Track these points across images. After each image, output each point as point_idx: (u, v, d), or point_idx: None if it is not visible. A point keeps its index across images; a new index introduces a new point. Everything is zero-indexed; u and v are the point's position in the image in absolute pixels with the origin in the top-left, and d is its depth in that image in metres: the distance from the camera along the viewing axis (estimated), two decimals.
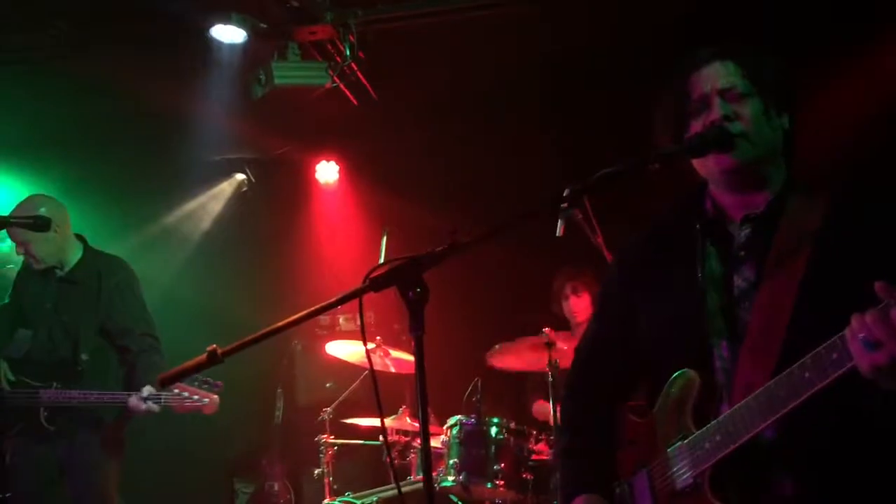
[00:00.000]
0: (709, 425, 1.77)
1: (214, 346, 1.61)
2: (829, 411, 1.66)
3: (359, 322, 1.73)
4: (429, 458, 1.64)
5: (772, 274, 1.78)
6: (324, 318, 6.93)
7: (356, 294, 1.69)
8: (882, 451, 1.69)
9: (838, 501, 1.68)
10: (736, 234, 1.89)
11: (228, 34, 5.00)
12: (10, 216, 3.48)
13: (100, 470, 3.98)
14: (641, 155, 1.87)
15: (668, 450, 1.86)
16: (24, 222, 3.28)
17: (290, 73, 5.05)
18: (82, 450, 3.93)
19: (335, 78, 5.17)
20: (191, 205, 7.10)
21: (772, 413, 1.64)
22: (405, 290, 1.65)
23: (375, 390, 1.76)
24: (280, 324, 1.70)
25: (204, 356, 1.62)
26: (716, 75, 1.86)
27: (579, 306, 4.94)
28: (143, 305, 4.17)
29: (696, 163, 1.91)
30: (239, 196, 7.65)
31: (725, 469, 1.74)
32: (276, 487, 6.93)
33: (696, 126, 1.86)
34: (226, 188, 7.50)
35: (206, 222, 7.19)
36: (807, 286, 1.71)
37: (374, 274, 1.69)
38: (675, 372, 1.88)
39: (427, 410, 1.64)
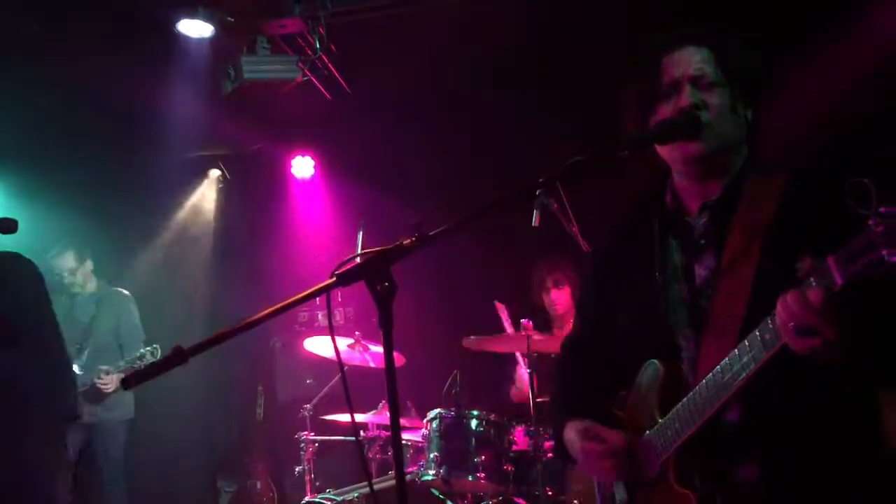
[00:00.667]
0: (669, 414, 1.78)
1: (178, 345, 1.58)
2: (788, 392, 1.66)
3: (336, 318, 1.70)
4: (400, 453, 1.62)
5: (730, 260, 1.78)
6: (302, 315, 6.90)
7: (323, 290, 1.66)
8: (845, 431, 1.69)
9: (804, 484, 1.68)
10: (695, 225, 1.89)
11: (195, 28, 4.94)
12: None
13: None
14: (610, 141, 1.85)
15: (640, 440, 1.86)
16: None
17: (259, 68, 4.99)
18: None
19: (306, 71, 5.12)
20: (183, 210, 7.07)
21: (718, 398, 1.65)
22: (373, 284, 1.62)
23: (345, 388, 1.75)
24: (247, 321, 1.67)
25: (170, 354, 1.58)
26: (689, 60, 1.84)
27: (560, 298, 4.94)
28: None
29: (660, 149, 1.90)
30: (216, 192, 7.61)
31: (690, 456, 1.74)
32: (258, 486, 6.90)
33: (665, 111, 1.84)
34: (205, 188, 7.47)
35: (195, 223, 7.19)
36: (763, 268, 1.71)
37: (342, 269, 1.67)
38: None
39: (397, 405, 1.62)
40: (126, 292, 5.66)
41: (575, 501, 4.04)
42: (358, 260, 1.67)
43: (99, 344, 5.39)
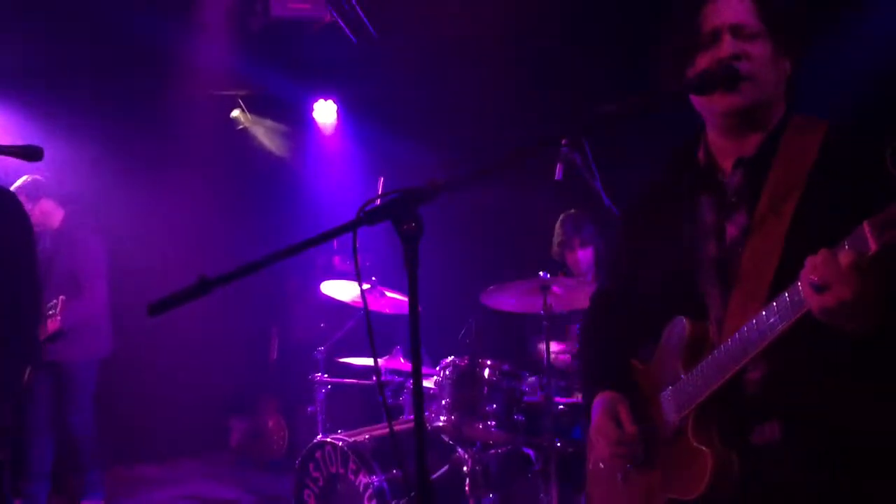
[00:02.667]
0: (692, 370, 1.77)
1: (202, 274, 1.58)
2: (815, 356, 1.65)
3: (353, 263, 1.70)
4: (420, 395, 1.62)
5: (763, 218, 1.75)
6: (320, 258, 6.93)
7: (351, 227, 1.65)
8: (870, 399, 1.67)
9: (827, 443, 1.67)
10: (728, 182, 1.86)
11: None
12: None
13: None
14: (643, 92, 1.81)
15: (661, 395, 1.86)
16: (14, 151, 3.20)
17: (288, 6, 4.95)
18: None
19: (333, 13, 5.05)
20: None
21: (743, 356, 1.64)
22: (399, 223, 1.61)
23: (369, 329, 1.74)
24: (272, 255, 1.67)
25: (194, 284, 1.59)
26: (729, 10, 1.79)
27: (585, 257, 4.91)
28: None
29: (696, 101, 1.86)
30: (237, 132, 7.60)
31: (710, 413, 1.74)
32: (269, 424, 7.01)
33: (703, 61, 1.80)
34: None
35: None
36: (795, 228, 1.68)
37: (369, 207, 1.66)
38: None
39: (419, 344, 1.62)
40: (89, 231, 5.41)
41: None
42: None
43: (55, 283, 5.16)
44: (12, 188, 5.25)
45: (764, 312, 1.60)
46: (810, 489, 1.67)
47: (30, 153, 3.15)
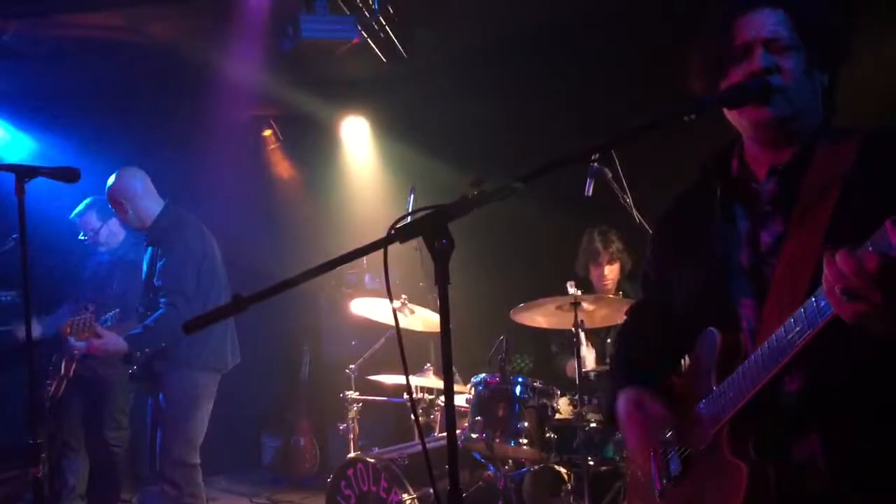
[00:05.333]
0: (724, 382, 1.75)
1: (237, 293, 1.60)
2: (853, 363, 1.61)
3: (383, 280, 1.70)
4: (452, 410, 1.62)
5: (797, 225, 1.72)
6: (350, 277, 6.96)
7: (381, 244, 1.66)
8: None
9: (869, 456, 1.63)
10: (762, 190, 1.84)
11: None
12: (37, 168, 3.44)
13: None
14: (674, 106, 1.80)
15: (696, 408, 1.84)
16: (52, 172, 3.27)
17: (318, 27, 5.00)
18: None
19: (363, 33, 5.11)
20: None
21: (773, 366, 1.60)
22: (430, 240, 1.61)
23: (400, 346, 1.73)
24: (304, 272, 1.68)
25: (229, 303, 1.61)
26: (762, 23, 1.77)
27: (612, 273, 4.91)
28: None
29: (729, 114, 1.85)
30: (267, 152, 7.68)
31: (747, 426, 1.71)
32: (301, 442, 7.03)
33: (736, 75, 1.78)
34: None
35: None
36: (831, 234, 1.64)
37: (400, 224, 1.66)
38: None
39: (451, 362, 1.62)
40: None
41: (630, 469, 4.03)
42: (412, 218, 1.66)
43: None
44: (79, 209, 5.40)
45: (792, 319, 1.57)
46: None
47: (67, 175, 3.21)
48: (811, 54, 1.77)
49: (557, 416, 4.30)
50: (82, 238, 5.45)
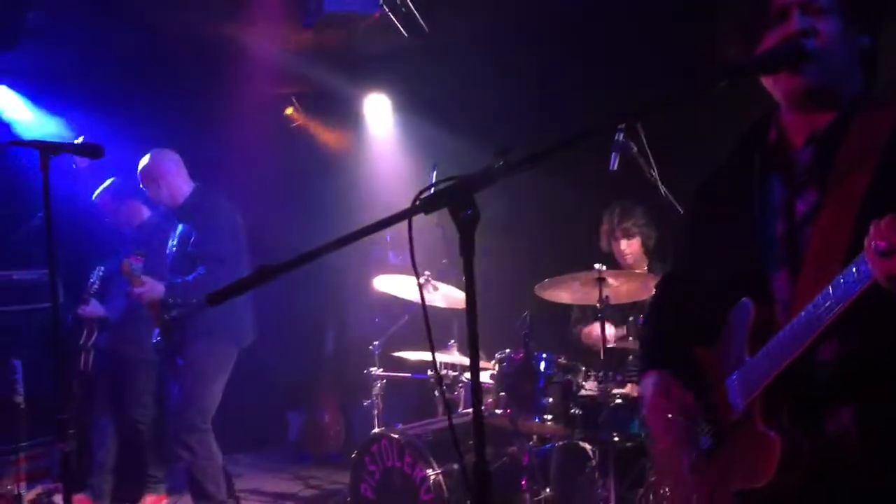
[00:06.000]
0: (758, 353, 1.72)
1: (262, 264, 1.60)
2: (887, 330, 1.57)
3: (408, 258, 1.68)
4: (478, 384, 1.59)
5: (834, 194, 1.68)
6: (375, 252, 6.96)
7: (406, 215, 1.64)
8: None
9: None
10: (799, 159, 1.79)
11: None
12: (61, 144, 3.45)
13: None
14: (705, 74, 1.75)
15: (727, 381, 1.82)
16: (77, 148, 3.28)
17: (339, 0, 4.97)
18: None
19: (384, 7, 5.06)
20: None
21: (808, 335, 1.57)
22: (456, 210, 1.59)
23: (426, 321, 1.71)
24: (328, 244, 1.67)
25: (254, 273, 1.61)
26: None
27: (631, 248, 4.84)
28: None
29: (765, 81, 1.80)
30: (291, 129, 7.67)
31: (779, 396, 1.68)
32: (326, 418, 7.07)
33: (771, 39, 1.74)
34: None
35: None
36: (868, 204, 1.60)
37: (425, 195, 1.64)
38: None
39: (477, 334, 1.60)
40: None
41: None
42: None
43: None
44: (101, 189, 5.46)
45: (830, 288, 1.53)
46: (881, 490, 1.60)
47: (91, 150, 3.21)
48: (849, 17, 1.72)
49: (582, 391, 4.27)
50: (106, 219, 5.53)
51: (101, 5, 5.40)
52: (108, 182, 5.53)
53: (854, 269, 1.49)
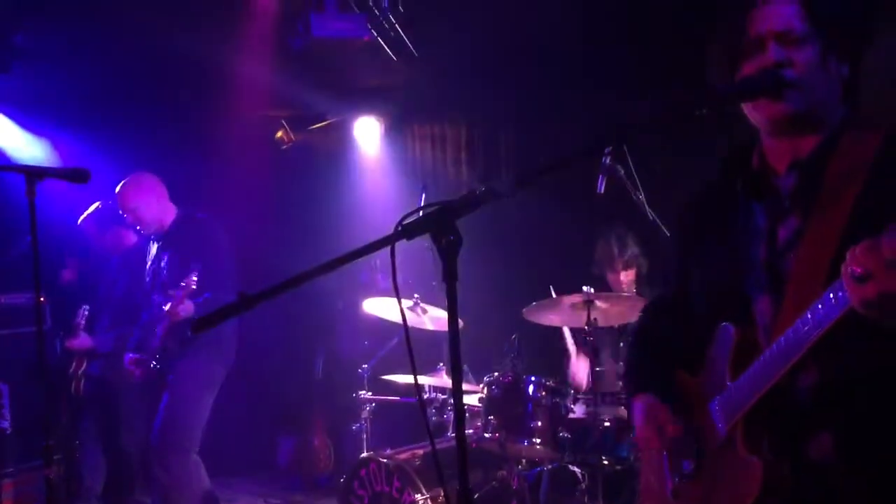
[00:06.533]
0: (739, 378, 1.72)
1: (242, 291, 1.59)
2: (869, 358, 1.58)
3: (396, 280, 1.68)
4: (461, 410, 1.60)
5: (816, 221, 1.69)
6: (364, 276, 6.95)
7: (388, 241, 1.64)
8: None
9: (881, 457, 1.60)
10: (782, 185, 1.80)
11: None
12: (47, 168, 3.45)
13: None
14: (685, 100, 1.77)
15: (709, 405, 1.82)
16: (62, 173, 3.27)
17: (328, 25, 5.00)
18: None
19: (373, 31, 5.10)
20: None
21: (788, 360, 1.58)
22: (438, 237, 1.60)
23: (408, 345, 1.72)
24: (311, 270, 1.67)
25: (234, 301, 1.60)
26: (775, 16, 1.73)
27: (628, 279, 4.84)
28: None
29: (745, 109, 1.82)
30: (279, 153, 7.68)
31: (761, 421, 1.68)
32: (315, 442, 7.03)
33: (749, 68, 1.75)
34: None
35: None
36: (850, 231, 1.60)
37: (407, 221, 1.65)
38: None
39: (459, 359, 1.60)
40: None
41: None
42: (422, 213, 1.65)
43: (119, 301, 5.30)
44: (85, 214, 5.43)
45: (809, 313, 1.55)
46: None
47: (77, 176, 3.21)
48: (827, 45, 1.73)
49: (571, 415, 4.26)
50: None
51: (88, 28, 5.41)
52: (92, 207, 5.44)
53: (831, 295, 1.50)
